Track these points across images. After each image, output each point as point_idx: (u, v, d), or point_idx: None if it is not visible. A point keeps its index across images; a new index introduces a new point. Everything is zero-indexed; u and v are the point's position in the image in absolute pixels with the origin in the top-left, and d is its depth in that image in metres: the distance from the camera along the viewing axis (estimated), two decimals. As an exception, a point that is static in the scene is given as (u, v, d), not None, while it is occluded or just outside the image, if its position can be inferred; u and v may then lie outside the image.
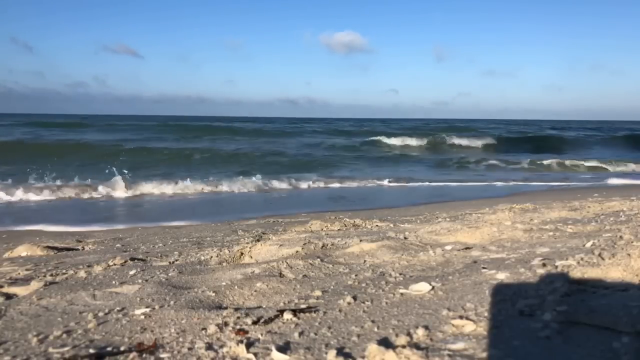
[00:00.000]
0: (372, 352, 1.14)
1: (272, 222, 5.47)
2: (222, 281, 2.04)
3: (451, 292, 1.62)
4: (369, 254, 2.43)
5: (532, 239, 2.53)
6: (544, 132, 34.03)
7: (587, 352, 1.06)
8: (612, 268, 1.63)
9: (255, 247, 2.85)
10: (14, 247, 3.69)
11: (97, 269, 2.43)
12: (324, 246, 2.74)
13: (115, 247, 3.74)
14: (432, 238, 2.80)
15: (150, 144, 20.31)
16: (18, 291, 2.02)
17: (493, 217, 3.78)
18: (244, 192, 10.06)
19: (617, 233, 2.37)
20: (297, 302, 1.66)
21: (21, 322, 1.57)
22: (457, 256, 2.24)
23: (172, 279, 2.12)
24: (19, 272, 2.52)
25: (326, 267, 2.20)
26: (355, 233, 3.39)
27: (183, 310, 1.59)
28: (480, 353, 1.11)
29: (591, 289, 1.47)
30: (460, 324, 1.30)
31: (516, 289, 1.52)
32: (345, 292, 1.74)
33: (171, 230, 5.14)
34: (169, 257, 2.85)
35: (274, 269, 2.18)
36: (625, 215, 3.37)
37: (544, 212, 3.87)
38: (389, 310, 1.48)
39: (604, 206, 4.13)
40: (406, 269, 2.07)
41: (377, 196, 9.83)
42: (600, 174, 14.39)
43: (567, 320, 1.22)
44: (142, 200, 9.15)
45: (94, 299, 1.81)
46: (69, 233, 5.50)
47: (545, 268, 1.78)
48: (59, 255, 3.34)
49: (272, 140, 24.72)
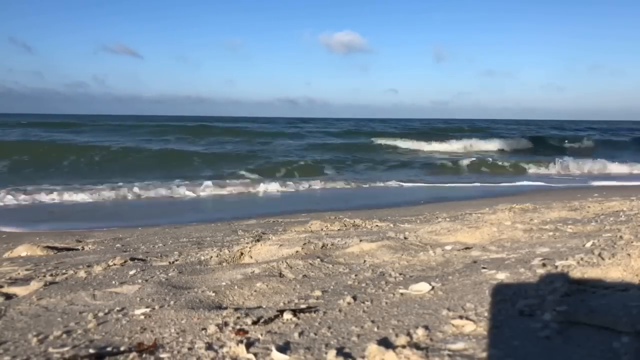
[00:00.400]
0: (372, 352, 1.14)
1: (272, 222, 5.47)
2: (222, 281, 2.04)
3: (451, 292, 1.62)
4: (368, 254, 2.43)
5: (532, 239, 2.53)
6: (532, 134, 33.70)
7: (587, 352, 1.06)
8: (612, 268, 1.63)
9: (255, 247, 2.85)
10: (14, 247, 3.69)
11: (97, 269, 2.43)
12: (323, 246, 2.74)
13: (115, 247, 3.74)
14: (432, 238, 2.80)
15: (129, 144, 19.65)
16: (18, 291, 2.02)
17: (493, 217, 3.78)
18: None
19: (617, 233, 2.37)
20: (297, 302, 1.66)
21: (21, 322, 1.57)
22: (457, 256, 2.24)
23: (172, 279, 2.12)
24: (18, 272, 2.52)
25: (326, 267, 2.20)
26: (355, 233, 3.39)
27: (183, 310, 1.59)
28: (480, 353, 1.11)
29: (591, 289, 1.46)
30: (460, 324, 1.30)
31: (516, 289, 1.52)
32: (345, 292, 1.74)
33: (171, 230, 5.14)
34: (169, 257, 2.85)
35: (274, 269, 2.18)
36: (625, 215, 3.37)
37: (543, 212, 3.87)
38: (389, 310, 1.48)
39: (604, 206, 4.13)
40: (406, 269, 2.07)
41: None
42: (511, 177, 13.63)
43: (567, 320, 1.22)
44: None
45: (93, 299, 1.81)
46: (68, 233, 5.50)
47: (545, 268, 1.78)
48: (58, 255, 3.34)
49: (260, 140, 24.39)
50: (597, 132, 36.22)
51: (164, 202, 8.98)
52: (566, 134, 31.39)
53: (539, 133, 32.96)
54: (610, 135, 32.52)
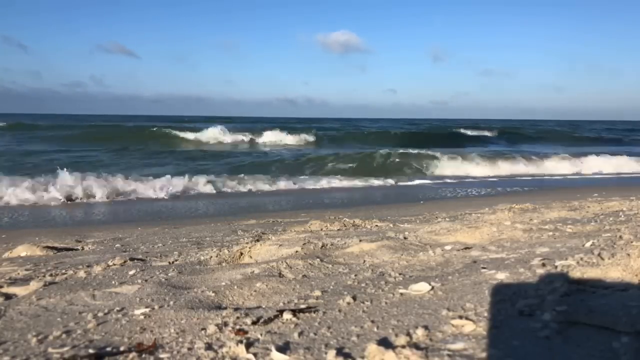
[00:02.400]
0: (372, 352, 1.14)
1: (272, 222, 5.46)
2: (222, 281, 2.04)
3: (451, 292, 1.62)
4: (368, 254, 2.43)
5: (532, 239, 2.53)
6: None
7: (586, 352, 1.06)
8: (612, 268, 1.63)
9: (255, 247, 2.85)
10: (14, 247, 3.69)
11: (96, 269, 2.43)
12: (323, 246, 2.74)
13: (115, 247, 3.74)
14: (431, 238, 2.80)
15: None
16: (17, 291, 2.02)
17: (492, 217, 3.78)
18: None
19: (616, 233, 2.37)
20: (296, 302, 1.66)
21: (20, 322, 1.57)
22: (457, 256, 2.24)
23: (172, 279, 2.12)
24: (18, 272, 2.52)
25: (326, 267, 2.20)
26: (355, 233, 3.39)
27: (183, 311, 1.59)
28: (479, 353, 1.11)
29: (591, 288, 1.47)
30: (460, 324, 1.30)
31: (516, 289, 1.52)
32: (345, 292, 1.74)
33: (170, 230, 5.13)
34: (168, 257, 2.85)
35: (274, 269, 2.18)
36: (624, 215, 3.37)
37: (543, 212, 3.87)
38: (389, 310, 1.48)
39: (604, 206, 4.13)
40: (406, 269, 2.07)
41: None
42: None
43: (566, 320, 1.22)
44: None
45: (93, 299, 1.81)
46: (67, 233, 5.49)
47: (545, 268, 1.78)
48: (58, 256, 3.34)
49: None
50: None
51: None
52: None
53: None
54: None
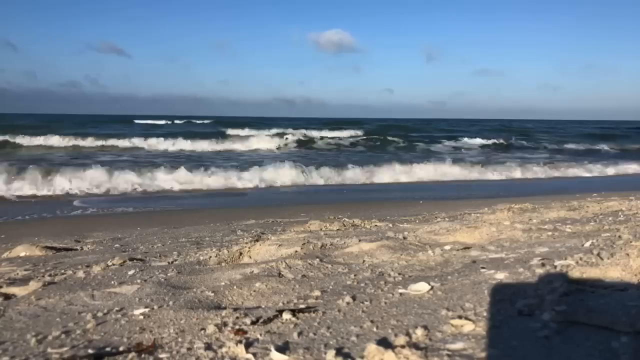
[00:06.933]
0: (371, 352, 1.14)
1: (271, 222, 5.46)
2: (221, 281, 2.04)
3: (450, 292, 1.62)
4: (368, 254, 2.42)
5: (531, 239, 2.53)
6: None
7: (586, 352, 1.06)
8: (611, 268, 1.63)
9: (254, 247, 2.85)
10: (13, 247, 3.68)
11: (95, 269, 2.43)
12: (323, 246, 2.74)
13: (114, 247, 3.73)
14: (431, 238, 2.80)
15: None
16: (17, 291, 2.02)
17: (492, 217, 3.78)
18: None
19: (615, 233, 2.37)
20: (296, 302, 1.66)
21: (20, 322, 1.57)
22: (456, 256, 2.24)
23: (171, 279, 2.12)
24: (17, 273, 2.52)
25: (325, 267, 2.20)
26: (354, 233, 3.39)
27: (182, 311, 1.59)
28: (479, 353, 1.11)
29: (590, 288, 1.47)
30: (459, 323, 1.30)
31: (515, 289, 1.52)
32: (344, 292, 1.74)
33: (170, 230, 5.13)
34: (167, 257, 2.85)
35: (273, 269, 2.18)
36: (624, 215, 3.37)
37: (542, 212, 3.87)
38: (388, 310, 1.48)
39: (603, 206, 4.13)
40: (405, 268, 2.07)
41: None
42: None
43: (566, 320, 1.22)
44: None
45: (92, 299, 1.81)
46: (67, 233, 5.49)
47: (544, 268, 1.78)
48: (57, 256, 3.33)
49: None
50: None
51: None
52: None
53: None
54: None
